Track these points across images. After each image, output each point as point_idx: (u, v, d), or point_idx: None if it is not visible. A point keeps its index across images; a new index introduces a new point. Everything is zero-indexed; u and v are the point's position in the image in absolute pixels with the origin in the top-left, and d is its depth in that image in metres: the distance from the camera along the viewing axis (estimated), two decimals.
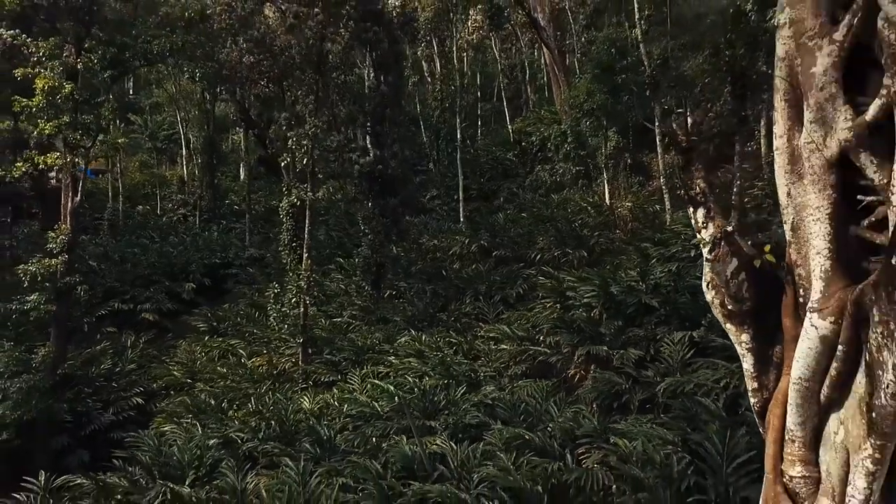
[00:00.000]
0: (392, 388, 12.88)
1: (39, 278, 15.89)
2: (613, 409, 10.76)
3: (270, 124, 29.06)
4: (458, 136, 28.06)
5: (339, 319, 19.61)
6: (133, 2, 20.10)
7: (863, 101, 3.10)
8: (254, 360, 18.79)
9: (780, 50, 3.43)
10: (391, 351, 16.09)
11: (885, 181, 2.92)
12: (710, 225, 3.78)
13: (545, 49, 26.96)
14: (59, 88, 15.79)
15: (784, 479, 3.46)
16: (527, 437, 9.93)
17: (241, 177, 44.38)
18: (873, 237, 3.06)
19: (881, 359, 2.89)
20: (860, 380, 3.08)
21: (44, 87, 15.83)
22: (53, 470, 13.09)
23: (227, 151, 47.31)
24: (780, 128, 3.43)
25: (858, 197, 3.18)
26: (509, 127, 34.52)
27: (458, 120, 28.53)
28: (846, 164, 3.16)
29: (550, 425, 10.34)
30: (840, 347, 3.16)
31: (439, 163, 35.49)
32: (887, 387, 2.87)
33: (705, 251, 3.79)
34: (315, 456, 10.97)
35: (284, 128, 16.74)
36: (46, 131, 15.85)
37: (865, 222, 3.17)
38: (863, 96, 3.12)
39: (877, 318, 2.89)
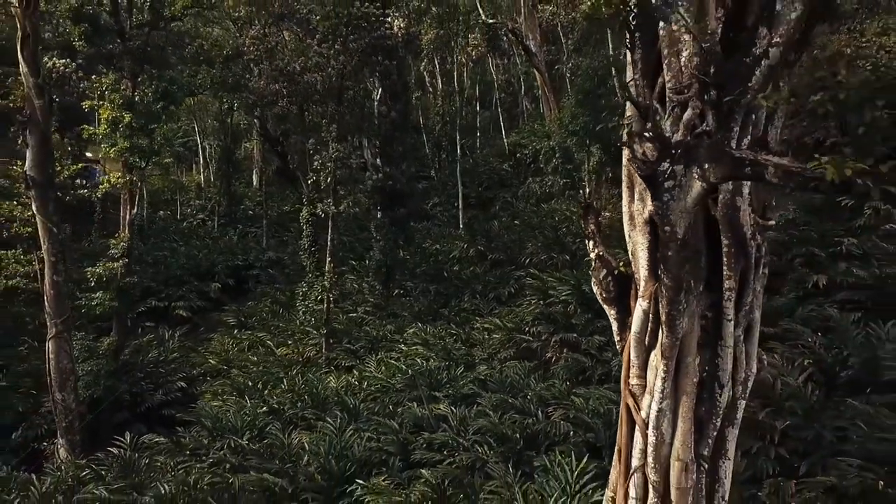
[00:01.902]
0: (404, 366, 15.82)
1: (104, 279, 18.80)
2: (578, 381, 13.70)
3: (288, 137, 32.00)
4: (458, 151, 30.95)
5: (354, 314, 22.55)
6: (165, 33, 23.01)
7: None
8: (281, 349, 21.73)
9: (624, 160, 6.32)
10: (401, 340, 19.01)
11: None
12: (595, 250, 6.67)
13: (536, 72, 29.81)
14: (121, 118, 18.71)
15: (629, 387, 6.36)
16: (510, 401, 12.89)
17: (254, 183, 47.32)
18: None
19: (662, 320, 5.78)
20: (660, 333, 5.95)
21: (107, 117, 18.78)
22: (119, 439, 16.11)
23: (241, 159, 50.17)
24: (624, 200, 6.32)
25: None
26: (505, 140, 37.40)
27: (457, 136, 31.42)
28: (654, 222, 6.03)
29: (529, 393, 13.25)
30: (651, 316, 6.03)
31: (441, 171, 38.40)
32: (664, 333, 5.76)
33: (593, 265, 6.70)
34: (344, 420, 13.89)
35: (311, 151, 19.62)
36: (111, 155, 18.76)
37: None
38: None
39: (659, 300, 5.77)
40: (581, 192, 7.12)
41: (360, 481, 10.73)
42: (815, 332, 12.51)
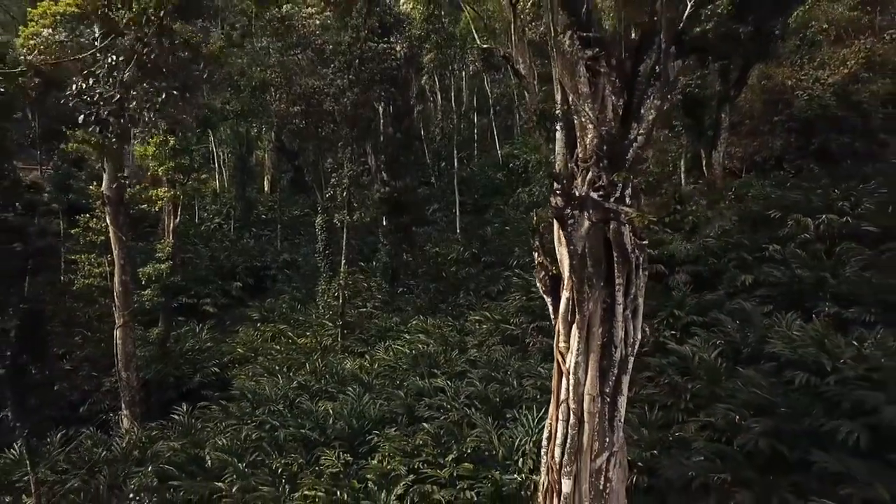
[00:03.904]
0: (408, 351, 19.15)
1: (153, 278, 22.12)
2: (550, 360, 16.97)
3: (303, 151, 35.35)
4: (456, 164, 34.26)
5: (364, 309, 25.85)
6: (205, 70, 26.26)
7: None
8: (301, 339, 24.99)
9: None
10: (405, 330, 22.29)
11: None
12: (539, 259, 9.95)
13: (526, 92, 33.04)
14: (166, 142, 22.00)
15: (559, 349, 9.67)
16: (494, 375, 16.23)
17: (266, 189, 50.63)
18: None
19: (576, 304, 9.08)
20: (576, 313, 9.24)
21: (156, 140, 22.07)
22: (167, 414, 19.50)
23: (252, 165, 53.36)
24: (555, 227, 9.63)
25: None
26: (499, 152, 40.71)
27: (455, 151, 34.74)
28: None
29: (509, 370, 16.58)
30: (570, 302, 9.32)
31: (440, 179, 41.69)
32: (577, 313, 9.05)
33: (536, 269, 9.99)
34: (360, 391, 17.20)
35: (329, 170, 22.96)
36: (160, 172, 22.07)
37: None
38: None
39: (574, 291, 9.08)
40: (534, 214, 9.88)
41: (376, 432, 14.10)
42: (734, 320, 15.82)
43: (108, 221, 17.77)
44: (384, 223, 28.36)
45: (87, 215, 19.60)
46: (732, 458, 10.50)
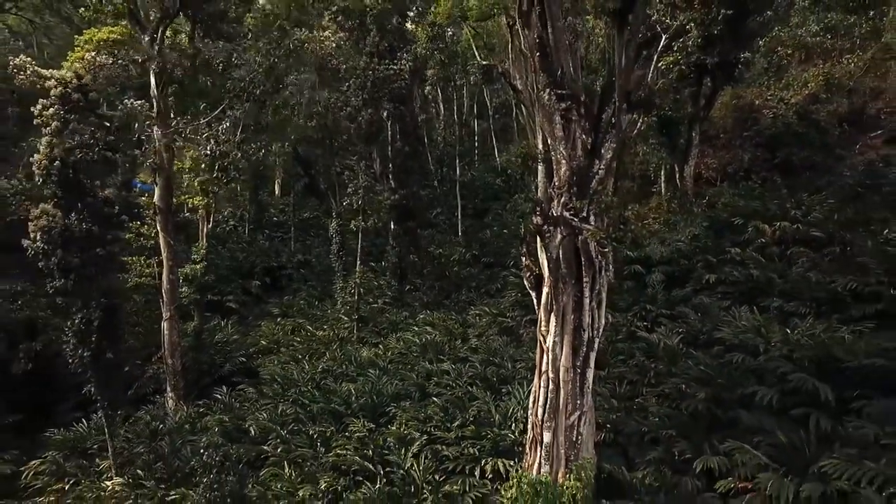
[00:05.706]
0: (417, 340, 21.96)
1: (189, 277, 24.89)
2: None
3: (317, 160, 38.13)
4: (458, 171, 37.04)
5: (376, 305, 28.65)
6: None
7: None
8: (320, 332, 27.79)
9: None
10: (414, 323, 25.09)
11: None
12: (526, 261, 12.69)
13: (523, 105, 35.83)
14: (202, 157, 24.77)
15: (541, 332, 12.43)
16: (491, 360, 19.04)
17: (276, 192, 53.38)
18: None
19: (553, 297, 11.86)
20: (553, 304, 11.99)
21: (192, 155, 24.84)
22: (204, 397, 22.31)
23: (263, 169, 56.08)
24: (536, 242, 12.38)
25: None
26: (498, 159, 43.48)
27: (457, 160, 37.53)
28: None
29: (505, 356, 19.38)
30: (549, 296, 12.07)
31: (442, 184, 44.44)
32: (554, 304, 11.81)
33: (523, 269, 12.74)
34: (378, 374, 19.99)
35: (346, 180, 25.76)
36: (196, 185, 24.84)
37: None
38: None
39: (552, 287, 11.84)
40: (522, 226, 12.46)
41: (394, 405, 16.91)
42: (696, 313, 18.59)
43: (158, 228, 20.54)
44: (393, 227, 31.14)
45: (138, 222, 22.39)
46: (679, 418, 13.29)
